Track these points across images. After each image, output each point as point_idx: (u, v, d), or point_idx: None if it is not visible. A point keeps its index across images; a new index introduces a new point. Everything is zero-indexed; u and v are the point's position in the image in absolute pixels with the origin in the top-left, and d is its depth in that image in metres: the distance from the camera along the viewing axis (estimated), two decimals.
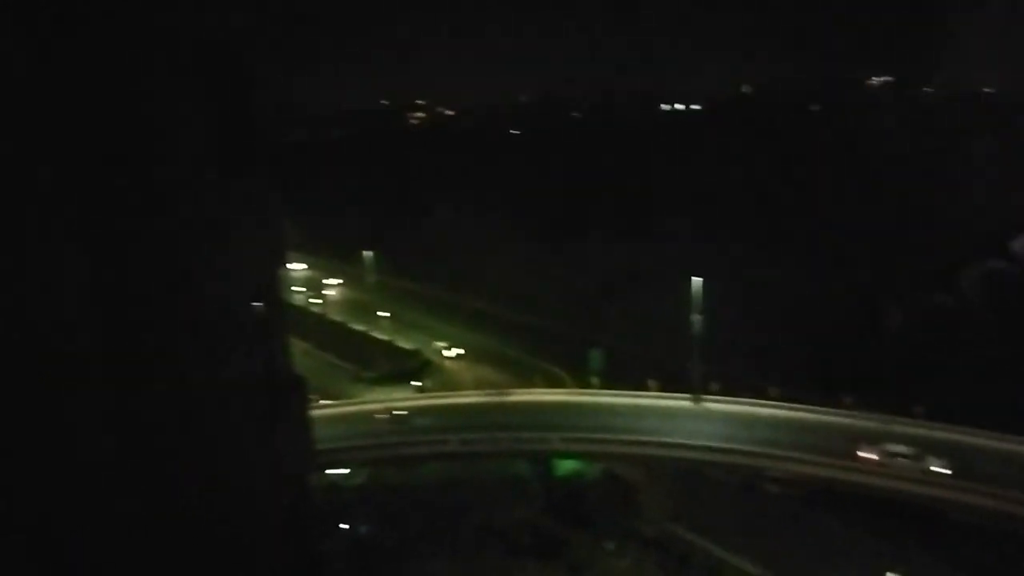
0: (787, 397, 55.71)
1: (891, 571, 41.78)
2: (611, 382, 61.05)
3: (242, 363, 7.04)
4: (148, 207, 5.95)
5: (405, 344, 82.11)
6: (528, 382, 64.13)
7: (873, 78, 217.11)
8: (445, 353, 79.08)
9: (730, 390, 57.10)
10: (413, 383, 70.56)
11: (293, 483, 8.41)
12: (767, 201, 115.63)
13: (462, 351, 78.81)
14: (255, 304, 7.31)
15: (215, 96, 6.61)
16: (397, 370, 74.78)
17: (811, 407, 54.10)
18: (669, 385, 57.85)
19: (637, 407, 56.47)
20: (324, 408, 58.94)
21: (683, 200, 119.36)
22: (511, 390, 59.93)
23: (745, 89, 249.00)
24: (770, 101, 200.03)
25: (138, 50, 5.83)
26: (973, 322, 73.85)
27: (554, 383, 64.99)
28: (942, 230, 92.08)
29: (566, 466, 56.89)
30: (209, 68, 6.54)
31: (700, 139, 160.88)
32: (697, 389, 56.35)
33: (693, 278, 55.96)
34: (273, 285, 8.17)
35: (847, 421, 52.20)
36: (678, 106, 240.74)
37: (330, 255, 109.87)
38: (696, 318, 55.40)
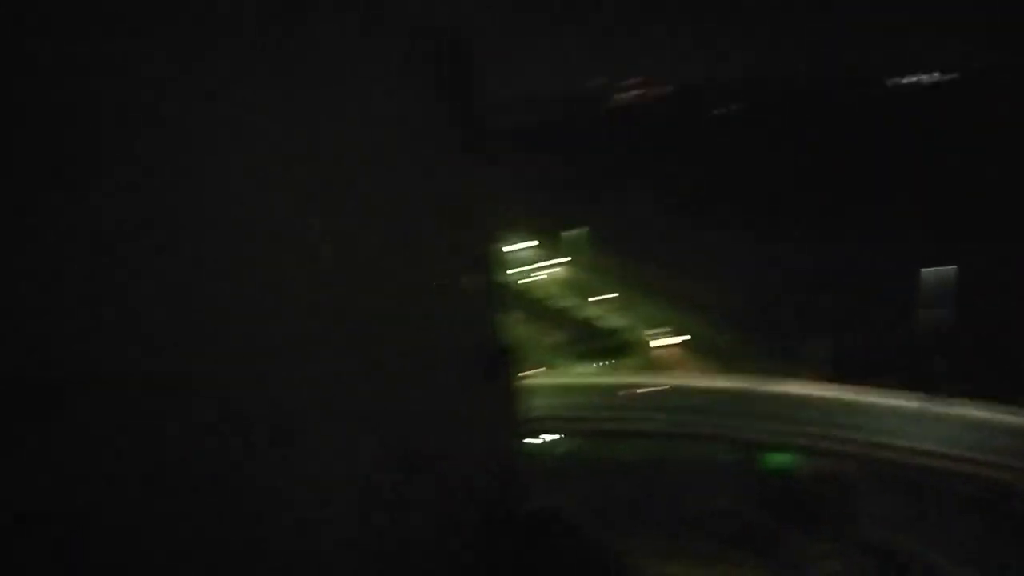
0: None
1: None
2: (835, 375, 57.64)
3: (461, 330, 7.60)
4: (385, 190, 6.57)
5: (614, 323, 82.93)
6: (741, 370, 62.14)
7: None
8: (661, 340, 78.36)
9: (977, 392, 51.77)
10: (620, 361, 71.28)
11: (501, 446, 8.92)
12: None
13: (685, 337, 77.47)
14: (475, 276, 7.87)
15: (445, 82, 7.19)
16: (605, 347, 75.76)
17: None
18: (903, 382, 53.59)
19: (864, 404, 52.91)
20: (533, 378, 61.13)
21: (903, 188, 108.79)
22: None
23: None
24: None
25: (375, 40, 6.43)
26: None
27: (770, 373, 62.44)
28: None
29: (778, 459, 54.69)
30: (441, 56, 7.12)
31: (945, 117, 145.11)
32: (937, 388, 51.67)
33: (924, 270, 51.28)
34: (490, 259, 8.78)
35: None
36: (913, 79, 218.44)
37: (542, 234, 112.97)
38: (935, 312, 50.78)
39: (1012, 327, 61.41)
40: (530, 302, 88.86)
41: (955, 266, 50.22)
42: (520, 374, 9.82)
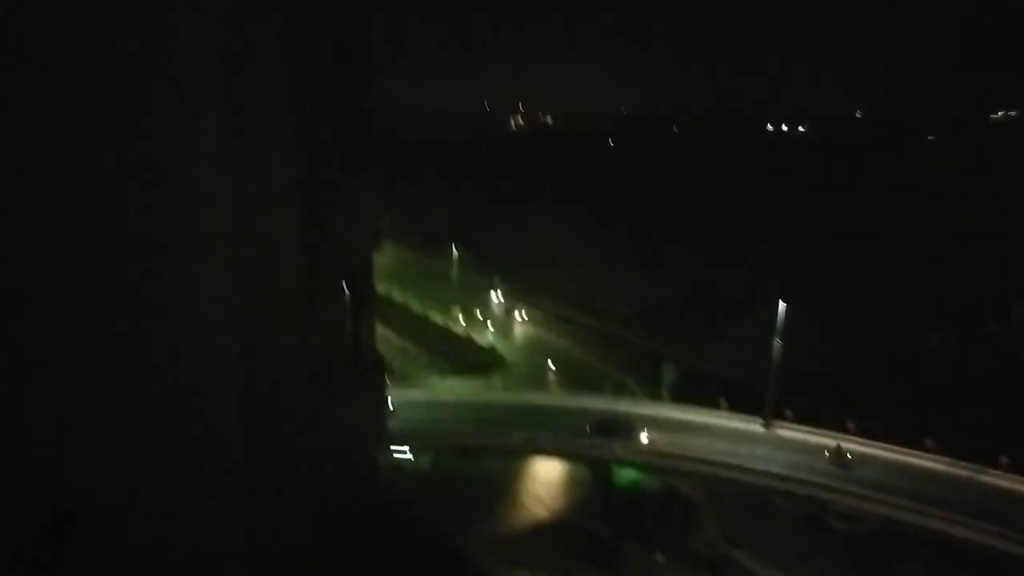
0: (864, 432, 54.06)
1: None
2: (682, 398, 60.66)
3: (332, 336, 7.87)
4: (273, 198, 6.75)
5: (480, 340, 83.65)
6: (596, 389, 64.33)
7: (998, 112, 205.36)
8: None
9: (805, 419, 55.88)
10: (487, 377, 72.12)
11: (364, 454, 9.30)
12: (858, 227, 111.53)
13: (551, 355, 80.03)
14: (348, 285, 8.22)
15: (340, 93, 7.33)
16: (471, 362, 76.34)
17: (886, 444, 52.38)
18: (741, 407, 57.05)
19: (705, 425, 55.99)
20: (399, 393, 60.96)
21: (776, 222, 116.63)
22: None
23: (858, 113, 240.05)
24: (882, 128, 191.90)
25: (279, 47, 6.45)
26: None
27: (622, 393, 64.94)
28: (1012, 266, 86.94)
29: (626, 475, 56.89)
30: (338, 66, 7.22)
31: (802, 162, 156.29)
32: (770, 414, 55.34)
33: (780, 302, 54.98)
34: (365, 271, 9.10)
35: (927, 464, 50.31)
36: (784, 127, 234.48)
37: (419, 249, 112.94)
38: (777, 343, 54.42)
39: (842, 361, 66.94)
40: (405, 315, 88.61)
41: (786, 302, 54.13)
42: (388, 386, 9.99)
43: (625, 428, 55.07)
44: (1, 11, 5.07)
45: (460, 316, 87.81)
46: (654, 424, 56.13)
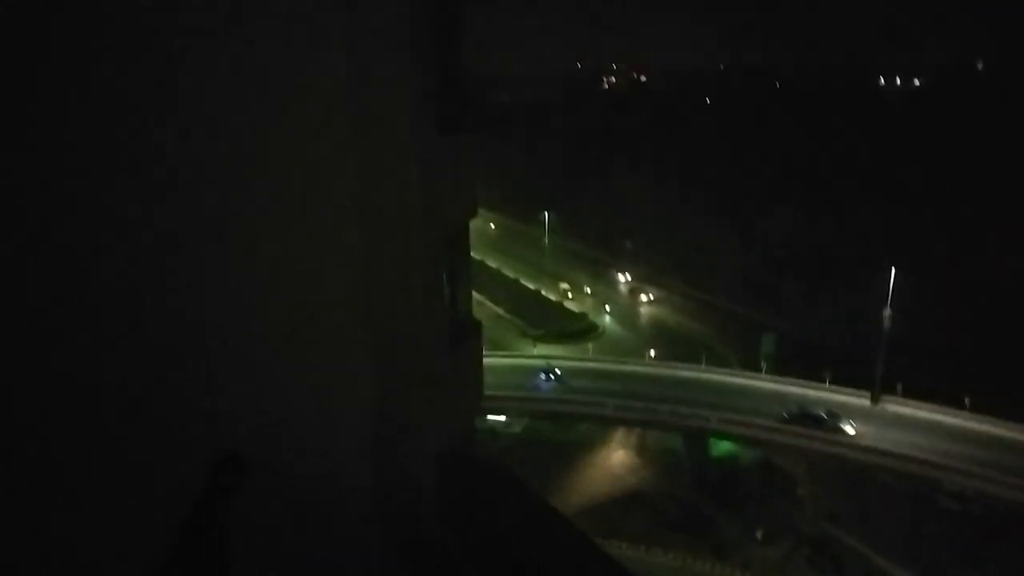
0: (979, 407, 50.99)
1: None
2: (783, 369, 58.77)
3: (434, 301, 7.91)
4: (359, 165, 6.76)
5: (574, 307, 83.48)
6: (694, 358, 63.08)
7: None
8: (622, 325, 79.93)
9: (916, 393, 53.13)
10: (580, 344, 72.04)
11: (462, 418, 9.32)
12: (983, 190, 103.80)
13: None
14: (447, 249, 8.16)
15: (434, 55, 7.31)
16: (564, 330, 76.36)
17: (1003, 421, 49.24)
18: (847, 380, 54.74)
19: (807, 398, 54.07)
20: (492, 357, 61.69)
21: (886, 183, 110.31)
22: None
23: (980, 65, 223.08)
24: (1008, 79, 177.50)
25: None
26: None
27: (721, 363, 63.47)
28: None
29: (723, 447, 55.88)
30: (430, 30, 7.19)
31: (916, 117, 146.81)
32: (878, 387, 52.90)
33: (889, 269, 52.19)
34: (462, 235, 9.02)
35: None
36: (897, 81, 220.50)
37: (515, 214, 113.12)
38: (887, 312, 51.79)
39: (958, 332, 62.95)
40: (498, 282, 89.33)
41: (899, 270, 51.23)
42: (483, 351, 10.11)
43: (827, 419, 50.12)
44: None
45: (568, 292, 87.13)
46: (749, 394, 54.60)
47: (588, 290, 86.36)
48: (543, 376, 57.35)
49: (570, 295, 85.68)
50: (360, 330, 6.53)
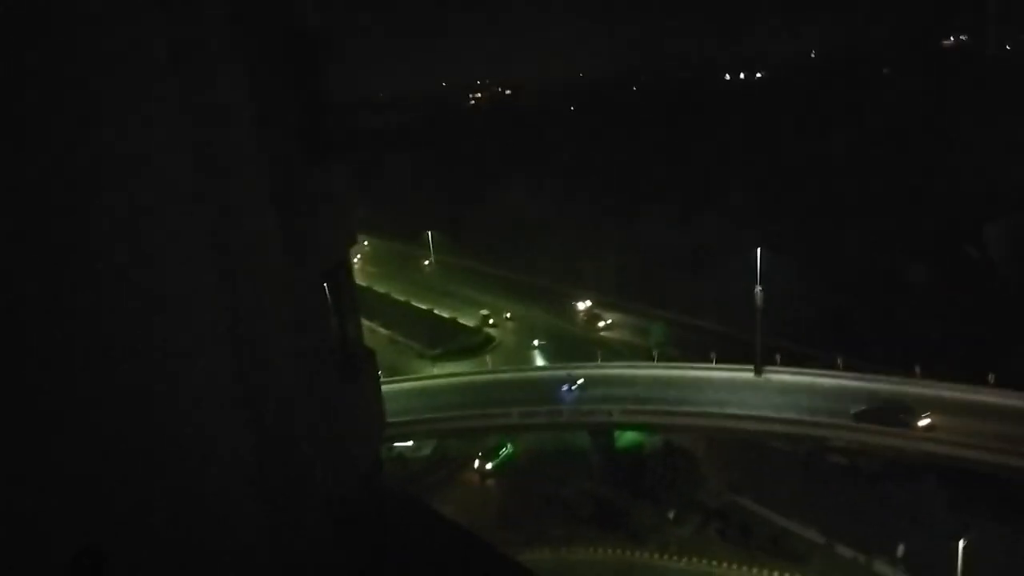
0: (850, 366, 55.00)
1: (963, 538, 41.06)
2: (672, 355, 61.29)
3: (318, 336, 7.87)
4: (244, 194, 6.74)
5: (467, 322, 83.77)
6: (586, 355, 64.81)
7: (949, 38, 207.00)
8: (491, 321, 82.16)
9: (794, 361, 56.73)
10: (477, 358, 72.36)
11: (364, 450, 9.32)
12: (819, 166, 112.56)
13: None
14: (328, 281, 8.17)
15: (299, 84, 7.30)
16: (462, 346, 76.50)
17: (875, 376, 53.26)
18: (731, 358, 57.71)
19: (698, 379, 56.61)
20: (391, 383, 61.02)
21: (744, 171, 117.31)
22: None
23: (813, 54, 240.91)
24: (837, 66, 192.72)
25: (236, 39, 6.43)
26: (998, 274, 71.33)
27: (614, 356, 65.48)
28: (979, 188, 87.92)
29: (627, 438, 57.59)
30: (294, 57, 7.19)
31: (763, 107, 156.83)
32: (759, 360, 56.07)
33: (756, 249, 55.46)
34: (344, 264, 9.06)
35: (912, 389, 51.21)
36: (742, 75, 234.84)
37: (394, 236, 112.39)
38: (758, 289, 54.98)
39: (817, 300, 67.68)
40: (388, 306, 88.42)
41: (762, 248, 54.75)
42: (378, 377, 9.98)
43: (900, 413, 48.23)
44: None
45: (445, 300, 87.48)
46: (645, 383, 56.59)
47: (508, 314, 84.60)
48: (565, 387, 56.86)
49: (491, 321, 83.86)
50: (228, 376, 6.21)
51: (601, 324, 78.13)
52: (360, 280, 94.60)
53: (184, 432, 6.18)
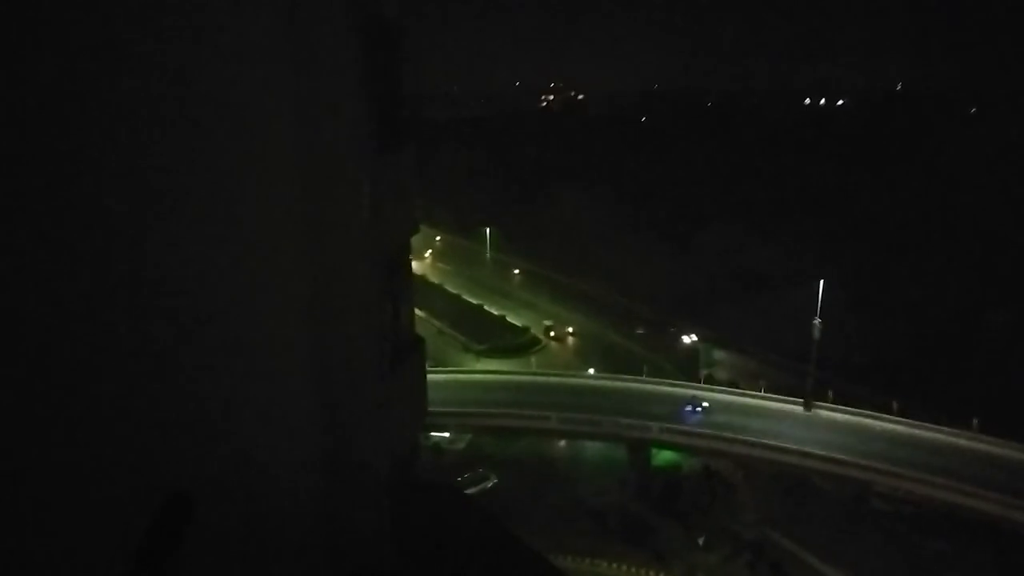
0: (905, 412, 53.17)
1: None
2: (721, 379, 60.20)
3: (378, 319, 8.05)
4: (304, 186, 6.89)
5: (516, 321, 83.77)
6: (634, 370, 64.06)
7: None
8: (553, 333, 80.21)
9: (846, 399, 55.08)
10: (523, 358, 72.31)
11: (405, 436, 9.39)
12: (903, 203, 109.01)
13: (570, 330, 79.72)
14: (388, 268, 8.29)
15: (374, 76, 7.40)
16: (507, 345, 76.56)
17: (930, 425, 51.42)
18: (781, 388, 56.39)
19: (744, 406, 55.44)
20: (435, 374, 61.39)
21: (814, 199, 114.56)
22: None
23: (899, 86, 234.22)
24: (923, 101, 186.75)
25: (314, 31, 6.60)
26: None
27: (660, 374, 64.58)
28: None
29: (664, 457, 56.77)
30: (370, 48, 7.28)
31: (840, 136, 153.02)
32: (810, 394, 54.64)
33: (818, 281, 54.13)
34: (404, 252, 9.18)
35: (970, 443, 49.30)
36: (823, 101, 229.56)
37: (455, 230, 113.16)
38: (817, 322, 53.60)
39: (883, 341, 65.59)
40: (440, 298, 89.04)
41: (825, 279, 53.32)
42: (426, 368, 10.10)
43: None
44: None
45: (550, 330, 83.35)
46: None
47: (571, 329, 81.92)
48: (689, 408, 54.32)
49: (552, 333, 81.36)
50: (305, 355, 6.53)
51: (704, 372, 64.94)
52: (433, 278, 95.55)
53: (258, 396, 6.58)
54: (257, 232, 6.22)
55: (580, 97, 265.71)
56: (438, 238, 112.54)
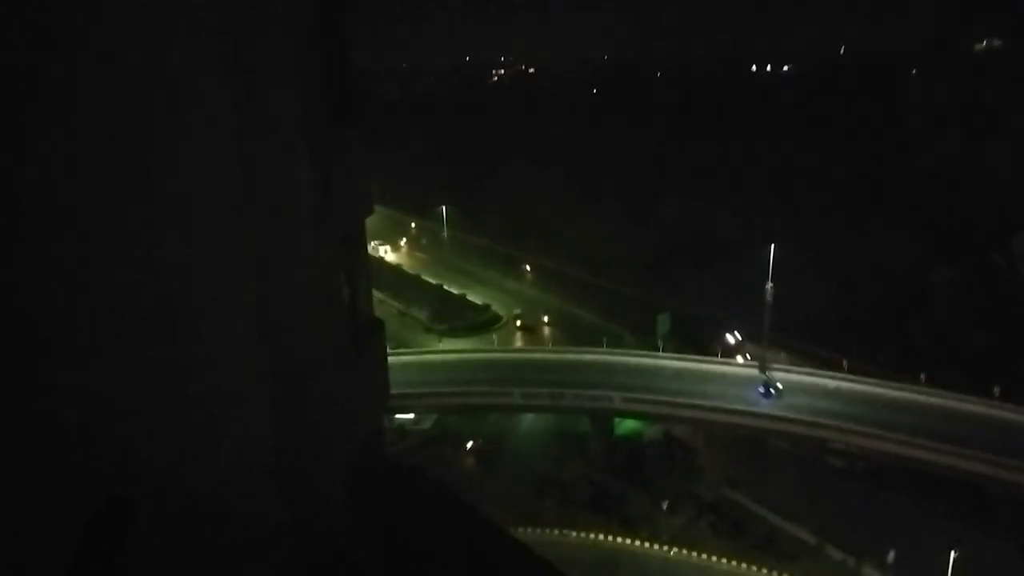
0: (856, 369, 54.83)
1: (954, 549, 41.16)
2: (677, 346, 61.17)
3: (334, 303, 7.93)
4: (254, 164, 6.75)
5: (476, 299, 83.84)
6: (593, 341, 64.75)
7: (982, 42, 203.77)
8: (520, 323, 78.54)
9: (798, 359, 56.59)
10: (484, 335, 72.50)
11: (368, 420, 9.39)
12: (849, 166, 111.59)
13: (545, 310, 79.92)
14: (343, 249, 8.19)
15: (317, 53, 7.26)
16: (469, 323, 76.64)
17: (881, 381, 53.14)
18: (736, 352, 57.64)
19: (701, 372, 56.55)
20: (396, 355, 61.21)
21: (762, 164, 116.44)
22: None
23: (841, 50, 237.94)
24: (866, 63, 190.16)
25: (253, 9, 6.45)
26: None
27: (618, 344, 65.39)
28: (1010, 196, 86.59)
29: (626, 426, 57.75)
30: (313, 26, 7.14)
31: (786, 102, 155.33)
32: (765, 358, 55.93)
33: (770, 245, 55.18)
34: (358, 232, 9.06)
35: (919, 397, 51.09)
36: (768, 67, 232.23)
37: (408, 208, 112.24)
38: (769, 286, 54.72)
39: (826, 297, 67.23)
40: (398, 278, 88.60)
41: (775, 243, 54.42)
42: (387, 349, 10.04)
43: None
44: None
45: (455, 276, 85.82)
46: (647, 372, 56.50)
47: (546, 318, 78.64)
48: (762, 389, 52.50)
49: (520, 322, 77.80)
50: (254, 339, 6.41)
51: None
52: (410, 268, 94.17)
53: (206, 386, 6.37)
54: (199, 215, 6.01)
55: (531, 71, 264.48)
56: (413, 224, 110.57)
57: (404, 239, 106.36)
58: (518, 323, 77.70)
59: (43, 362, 5.28)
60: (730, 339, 65.68)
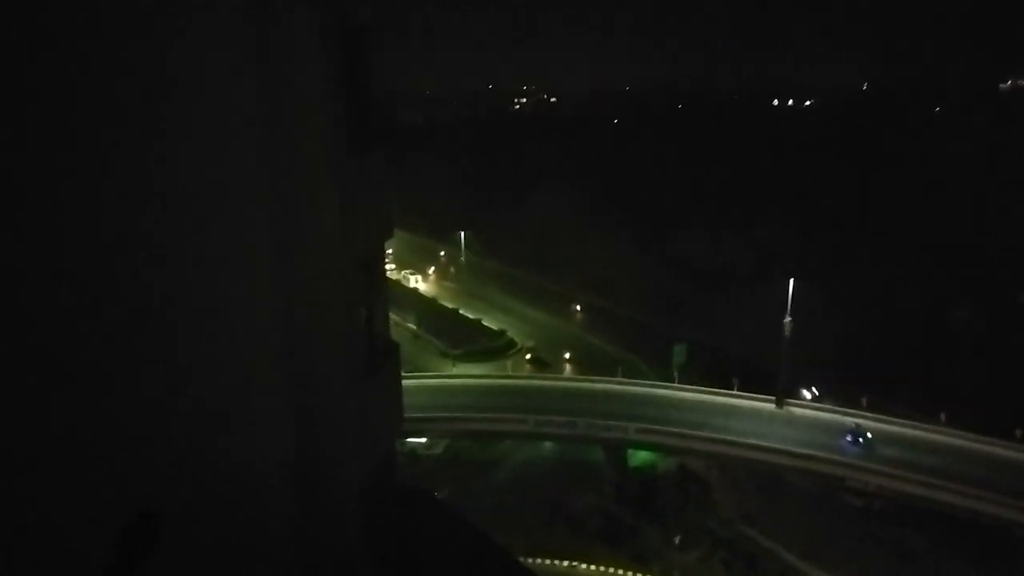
0: (877, 407, 53.98)
1: None
2: (693, 378, 60.54)
3: (353, 325, 8.06)
4: (274, 191, 6.84)
5: (492, 325, 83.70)
6: (609, 371, 64.28)
7: (1007, 82, 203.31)
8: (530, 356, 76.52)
9: (817, 395, 55.82)
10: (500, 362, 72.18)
11: (382, 441, 9.42)
12: (869, 202, 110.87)
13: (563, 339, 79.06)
14: (362, 273, 8.30)
15: (344, 79, 7.39)
16: (484, 348, 76.41)
17: (899, 420, 52.27)
18: (753, 385, 56.90)
19: (717, 405, 55.89)
20: (410, 379, 61.07)
21: (783, 197, 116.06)
22: None
23: (864, 86, 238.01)
24: (888, 100, 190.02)
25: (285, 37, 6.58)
26: None
27: (634, 374, 64.88)
28: None
29: (641, 457, 57.04)
30: (340, 53, 7.27)
31: (809, 136, 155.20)
32: (782, 392, 55.23)
33: (789, 279, 54.74)
34: (378, 257, 9.19)
35: (936, 437, 50.16)
36: (790, 101, 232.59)
37: (428, 233, 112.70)
38: (787, 320, 54.20)
39: (854, 338, 66.56)
40: (416, 302, 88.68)
41: (796, 277, 53.98)
42: (402, 373, 10.08)
43: None
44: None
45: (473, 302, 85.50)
46: (663, 403, 55.95)
47: (567, 355, 74.20)
48: (849, 438, 49.99)
49: (528, 355, 75.67)
50: (279, 362, 6.51)
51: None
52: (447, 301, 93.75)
53: (233, 403, 6.48)
54: (227, 238, 6.13)
55: (553, 99, 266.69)
56: (442, 253, 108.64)
57: (432, 268, 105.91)
58: (528, 356, 75.61)
59: (85, 378, 5.37)
60: (807, 394, 61.49)
